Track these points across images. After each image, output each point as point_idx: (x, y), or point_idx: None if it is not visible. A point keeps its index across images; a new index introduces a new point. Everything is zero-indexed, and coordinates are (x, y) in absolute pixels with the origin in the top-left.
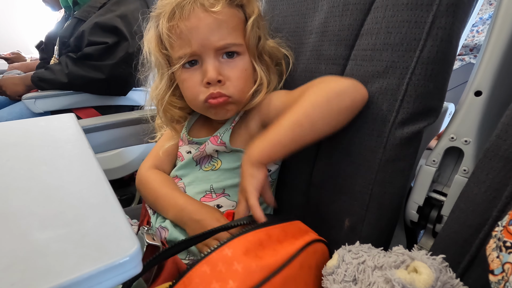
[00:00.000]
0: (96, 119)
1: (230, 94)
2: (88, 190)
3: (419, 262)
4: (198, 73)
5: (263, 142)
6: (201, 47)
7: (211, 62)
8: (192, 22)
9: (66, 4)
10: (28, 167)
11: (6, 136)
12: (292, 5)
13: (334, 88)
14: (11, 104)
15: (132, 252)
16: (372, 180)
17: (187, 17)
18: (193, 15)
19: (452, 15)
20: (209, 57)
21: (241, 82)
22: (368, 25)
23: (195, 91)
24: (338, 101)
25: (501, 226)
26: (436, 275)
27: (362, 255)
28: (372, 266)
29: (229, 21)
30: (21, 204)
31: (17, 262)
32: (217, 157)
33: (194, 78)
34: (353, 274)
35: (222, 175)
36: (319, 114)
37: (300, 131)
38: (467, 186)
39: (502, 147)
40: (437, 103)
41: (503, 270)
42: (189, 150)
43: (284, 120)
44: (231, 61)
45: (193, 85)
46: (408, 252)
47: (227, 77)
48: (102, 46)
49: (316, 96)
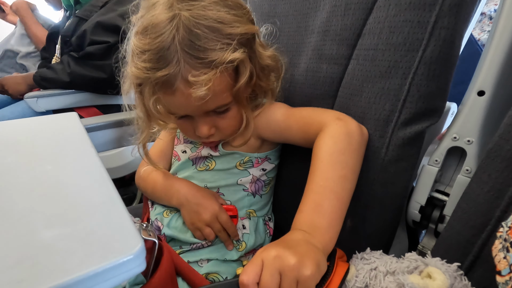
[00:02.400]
0: (98, 118)
1: (220, 138)
2: (93, 189)
3: (434, 268)
4: (189, 123)
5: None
6: (190, 113)
7: (202, 120)
8: (177, 97)
9: (68, 3)
10: (32, 166)
11: (10, 134)
12: (294, 5)
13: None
14: (13, 103)
15: (136, 250)
16: (374, 180)
17: (172, 92)
18: (178, 91)
19: (455, 15)
20: (200, 116)
21: (231, 128)
22: (370, 24)
23: (188, 134)
24: (349, 140)
25: (506, 227)
26: (450, 281)
27: (374, 261)
28: (384, 272)
29: (217, 87)
30: (26, 202)
31: (24, 260)
32: (211, 158)
33: (186, 126)
34: (365, 281)
35: (216, 175)
36: (352, 157)
37: (349, 183)
38: (469, 186)
39: (504, 148)
40: (439, 103)
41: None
42: (184, 150)
43: (332, 186)
44: (221, 115)
45: (186, 131)
46: (422, 258)
47: (218, 128)
48: (104, 45)
49: (333, 145)
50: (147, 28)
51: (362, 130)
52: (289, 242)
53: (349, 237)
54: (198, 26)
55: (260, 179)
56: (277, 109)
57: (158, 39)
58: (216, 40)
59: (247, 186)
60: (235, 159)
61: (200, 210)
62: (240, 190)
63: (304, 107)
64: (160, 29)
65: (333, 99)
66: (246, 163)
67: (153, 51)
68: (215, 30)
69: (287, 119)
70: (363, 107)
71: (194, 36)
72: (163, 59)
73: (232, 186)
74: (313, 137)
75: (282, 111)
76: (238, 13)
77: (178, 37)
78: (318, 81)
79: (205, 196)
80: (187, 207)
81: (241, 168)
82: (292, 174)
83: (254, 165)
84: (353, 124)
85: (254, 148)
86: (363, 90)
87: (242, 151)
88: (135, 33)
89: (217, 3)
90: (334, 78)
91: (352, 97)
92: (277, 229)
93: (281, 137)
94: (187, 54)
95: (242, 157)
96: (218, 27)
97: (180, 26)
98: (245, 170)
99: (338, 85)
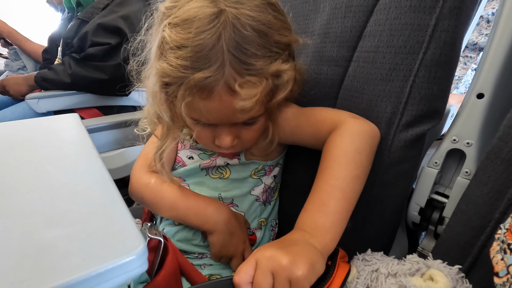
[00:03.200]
0: (99, 119)
1: (239, 150)
2: (94, 189)
3: (436, 271)
4: (211, 131)
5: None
6: (219, 122)
7: (226, 130)
8: (214, 103)
9: (70, 5)
10: (34, 166)
11: (11, 136)
12: (294, 7)
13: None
14: (14, 104)
15: (138, 250)
16: (375, 182)
17: (208, 97)
18: (217, 97)
19: (455, 18)
20: (225, 125)
21: (253, 141)
22: (370, 27)
23: (207, 144)
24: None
25: (504, 229)
26: (452, 284)
27: (375, 263)
28: (386, 274)
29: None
30: (27, 203)
31: (25, 260)
32: (226, 166)
33: (207, 135)
34: (366, 282)
35: (230, 184)
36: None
37: (360, 184)
38: (469, 188)
39: (504, 150)
40: (441, 105)
41: (508, 272)
42: (191, 156)
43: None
44: (247, 126)
45: (205, 141)
46: (424, 260)
47: (241, 139)
48: (105, 47)
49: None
50: (187, 21)
51: (378, 131)
52: (286, 242)
53: (349, 238)
54: (247, 27)
55: (270, 186)
56: (288, 109)
57: (201, 36)
58: (264, 46)
59: (260, 196)
60: (251, 168)
61: (233, 240)
62: (253, 200)
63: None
64: (204, 24)
65: (334, 101)
66: (259, 172)
67: (193, 48)
68: (263, 35)
69: (298, 117)
70: (364, 109)
71: (242, 38)
72: (204, 58)
73: (246, 196)
74: (324, 135)
75: (293, 110)
76: (285, 20)
77: (225, 36)
78: (318, 83)
79: (239, 226)
80: (220, 234)
81: (255, 177)
82: (295, 176)
83: (267, 173)
84: (370, 124)
85: (267, 155)
86: (364, 92)
87: (259, 160)
88: (170, 24)
89: (265, 5)
90: (334, 80)
91: (353, 99)
92: (280, 230)
93: (291, 137)
94: (233, 57)
95: (257, 165)
96: (266, 32)
97: (227, 25)
98: (259, 179)
99: (339, 87)
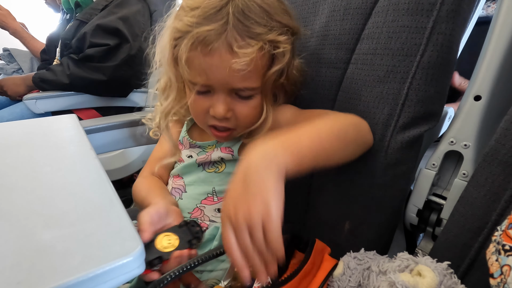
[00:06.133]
0: (97, 120)
1: (235, 127)
2: (92, 190)
3: (423, 266)
4: (207, 100)
5: (288, 142)
6: (216, 83)
7: (222, 98)
8: (214, 59)
9: (68, 6)
10: (32, 167)
11: (9, 136)
12: (292, 9)
13: (352, 119)
14: (11, 104)
15: (135, 252)
16: (373, 183)
17: (209, 52)
18: (217, 53)
19: (452, 21)
20: (222, 92)
21: (248, 119)
22: (368, 29)
23: (200, 116)
24: (356, 132)
25: (500, 231)
26: (439, 279)
27: (367, 261)
28: (377, 271)
29: (254, 65)
30: (25, 204)
31: (23, 261)
32: (221, 161)
33: (201, 104)
34: (357, 280)
35: (225, 178)
36: (336, 137)
37: (335, 151)
38: (466, 190)
39: (501, 152)
40: (438, 107)
41: (501, 273)
42: (190, 155)
43: (305, 127)
44: (243, 100)
45: (199, 110)
46: (413, 257)
47: (235, 113)
48: (103, 48)
49: (335, 121)
50: None
51: (372, 136)
52: (244, 180)
53: (347, 239)
54: (252, 3)
55: None
56: (287, 109)
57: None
58: (265, 19)
59: None
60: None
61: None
62: None
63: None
64: None
65: (332, 103)
66: None
67: (203, 9)
68: (266, 12)
69: (298, 117)
70: (362, 111)
71: (247, 8)
72: (212, 17)
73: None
74: None
75: (292, 110)
76: (287, 9)
77: (233, 3)
78: (317, 85)
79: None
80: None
81: None
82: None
83: None
84: (362, 121)
85: None
86: (362, 94)
87: None
88: None
89: None
90: (333, 82)
91: (351, 101)
92: None
93: None
94: (237, 20)
95: None
96: (269, 11)
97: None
98: None
99: (337, 89)
